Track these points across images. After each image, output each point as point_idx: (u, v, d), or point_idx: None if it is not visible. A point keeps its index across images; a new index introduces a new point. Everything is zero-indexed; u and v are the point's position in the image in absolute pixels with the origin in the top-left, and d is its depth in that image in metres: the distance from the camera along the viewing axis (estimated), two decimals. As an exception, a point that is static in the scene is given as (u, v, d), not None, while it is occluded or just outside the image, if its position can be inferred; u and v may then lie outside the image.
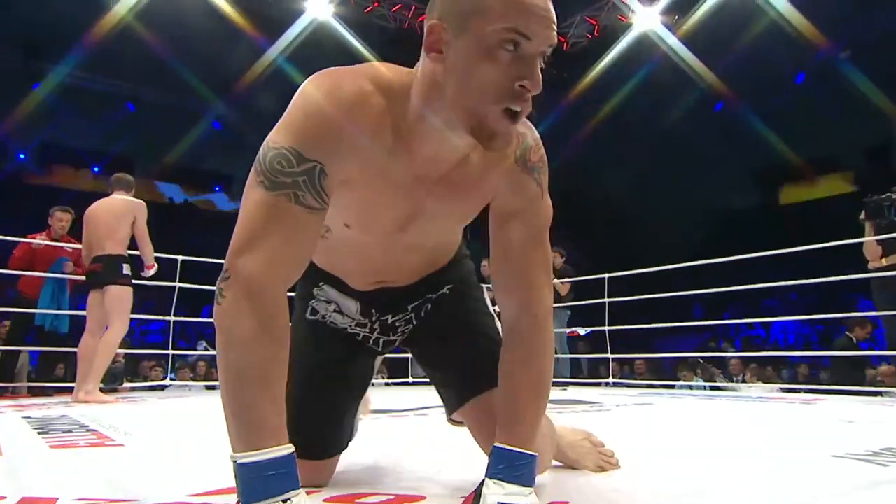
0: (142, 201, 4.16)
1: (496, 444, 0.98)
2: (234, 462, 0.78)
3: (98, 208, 4.11)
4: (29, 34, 11.08)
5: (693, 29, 8.67)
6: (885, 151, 12.89)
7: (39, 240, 4.88)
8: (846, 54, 11.22)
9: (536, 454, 0.98)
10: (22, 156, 14.02)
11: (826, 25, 9.20)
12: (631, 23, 9.02)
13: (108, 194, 4.22)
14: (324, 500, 1.13)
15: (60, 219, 4.95)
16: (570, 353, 7.10)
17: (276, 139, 0.85)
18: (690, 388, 6.58)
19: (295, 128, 0.85)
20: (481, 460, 1.02)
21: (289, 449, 0.79)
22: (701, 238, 13.87)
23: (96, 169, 14.51)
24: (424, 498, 1.16)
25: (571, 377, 6.88)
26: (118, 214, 4.03)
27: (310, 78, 0.90)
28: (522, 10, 0.78)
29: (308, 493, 1.06)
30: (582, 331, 6.80)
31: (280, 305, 0.83)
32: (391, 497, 1.16)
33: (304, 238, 0.86)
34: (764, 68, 11.98)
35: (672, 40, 8.95)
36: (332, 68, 0.91)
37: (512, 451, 0.96)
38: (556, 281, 6.90)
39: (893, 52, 10.44)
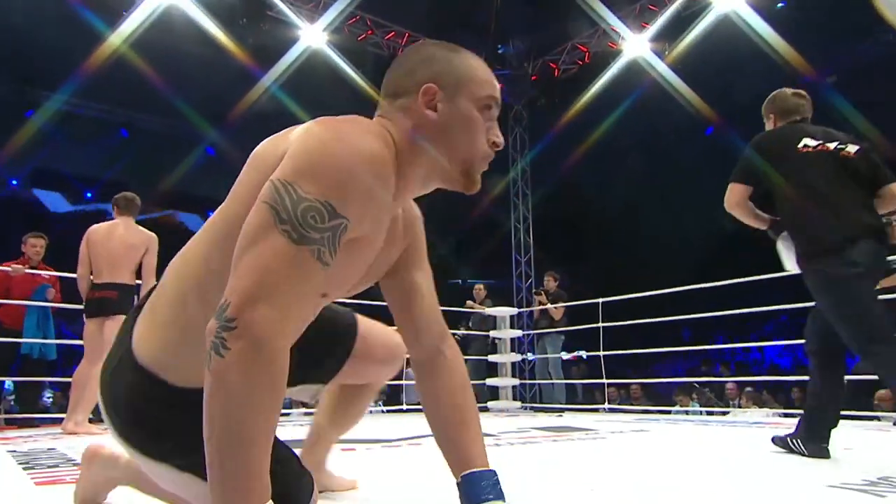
0: (154, 234, 4.13)
1: (461, 476, 1.04)
2: None
3: (111, 234, 4.06)
4: (23, 62, 11.14)
5: (682, 55, 8.78)
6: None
7: (17, 266, 4.82)
8: (832, 80, 11.40)
9: (494, 468, 1.06)
10: (14, 182, 14.03)
11: (811, 53, 9.36)
12: (621, 49, 9.14)
13: (104, 218, 4.21)
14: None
15: (34, 245, 4.90)
16: (565, 379, 7.07)
17: (307, 189, 0.81)
18: (687, 413, 6.54)
19: (329, 181, 0.82)
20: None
21: None
22: (695, 261, 13.92)
23: (89, 194, 14.53)
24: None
25: (567, 403, 6.84)
26: (135, 245, 4.01)
27: (326, 129, 0.89)
28: (493, 83, 1.02)
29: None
30: (570, 355, 6.79)
31: (286, 364, 0.78)
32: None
33: (313, 296, 0.83)
34: (752, 94, 12.13)
35: (661, 66, 9.05)
36: (340, 122, 0.92)
37: (477, 473, 1.03)
38: (549, 306, 6.89)
39: (871, 79, 10.74)
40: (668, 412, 6.44)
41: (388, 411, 7.05)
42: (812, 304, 2.58)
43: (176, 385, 0.93)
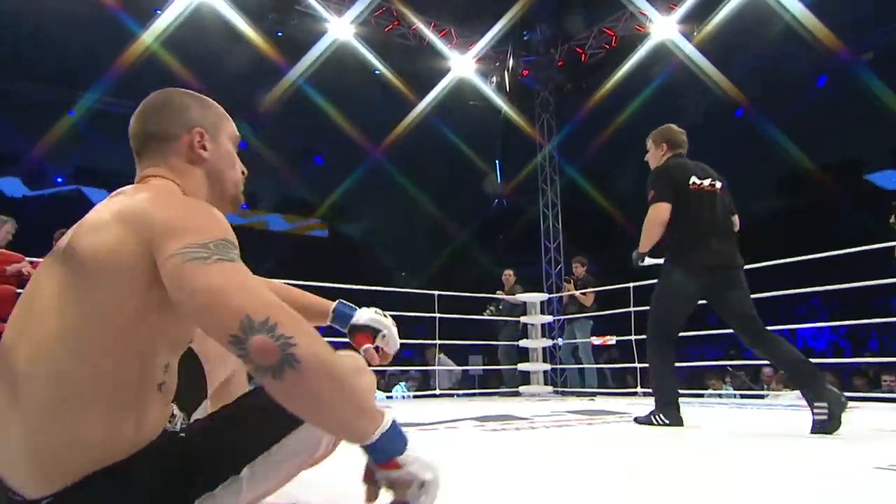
0: None
1: (330, 319, 1.40)
2: (383, 433, 0.89)
3: None
4: (63, 64, 11.38)
5: (711, 36, 8.56)
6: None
7: None
8: (868, 56, 11.03)
9: None
10: (59, 179, 14.41)
11: (844, 31, 9.06)
12: (648, 32, 8.95)
13: None
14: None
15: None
16: (596, 364, 7.01)
17: (203, 239, 0.90)
18: (720, 396, 6.45)
19: (217, 227, 0.94)
20: (519, 471, 1.00)
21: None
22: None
23: (129, 190, 14.86)
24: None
25: (599, 387, 6.79)
26: None
27: (157, 197, 1.00)
28: (234, 126, 1.22)
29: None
30: (601, 340, 6.71)
31: None
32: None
33: None
34: (785, 74, 11.81)
35: (690, 49, 8.85)
36: (152, 190, 1.04)
37: (336, 309, 1.41)
38: (577, 293, 6.83)
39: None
40: (701, 395, 6.35)
41: (417, 397, 7.09)
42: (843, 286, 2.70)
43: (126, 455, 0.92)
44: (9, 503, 0.91)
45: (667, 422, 2.92)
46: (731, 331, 2.99)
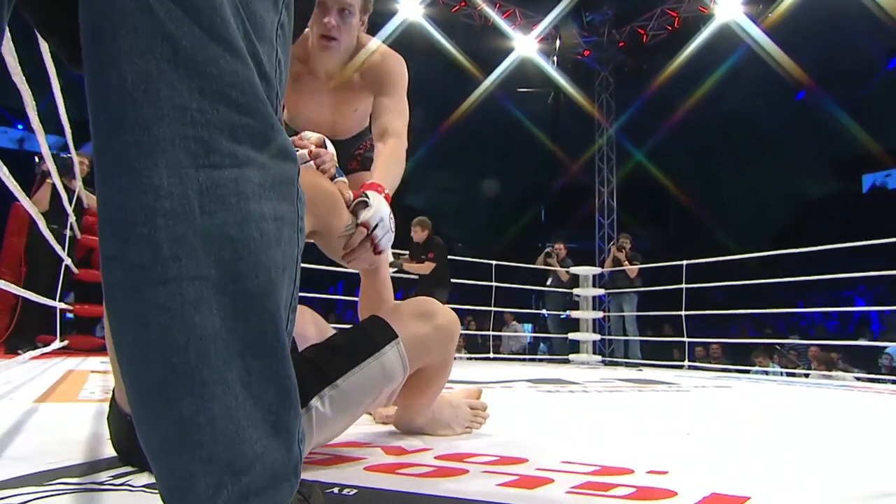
0: None
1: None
2: None
3: None
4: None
5: (778, 18, 8.05)
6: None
7: None
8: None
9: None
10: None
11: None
12: (713, 14, 8.51)
13: None
14: (434, 457, 1.15)
15: None
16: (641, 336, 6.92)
17: None
18: (766, 373, 6.25)
19: None
20: (572, 428, 1.01)
21: None
22: (778, 227, 13.09)
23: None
24: (527, 461, 1.16)
25: (644, 359, 6.70)
26: None
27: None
28: None
29: (419, 453, 1.08)
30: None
31: None
32: (496, 458, 1.17)
33: None
34: (853, 55, 11.03)
35: (755, 30, 8.36)
36: None
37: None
38: (628, 266, 6.70)
39: None
40: (748, 372, 6.17)
41: (472, 358, 7.17)
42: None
43: None
44: (120, 419, 0.95)
45: None
46: (777, 310, 2.88)
